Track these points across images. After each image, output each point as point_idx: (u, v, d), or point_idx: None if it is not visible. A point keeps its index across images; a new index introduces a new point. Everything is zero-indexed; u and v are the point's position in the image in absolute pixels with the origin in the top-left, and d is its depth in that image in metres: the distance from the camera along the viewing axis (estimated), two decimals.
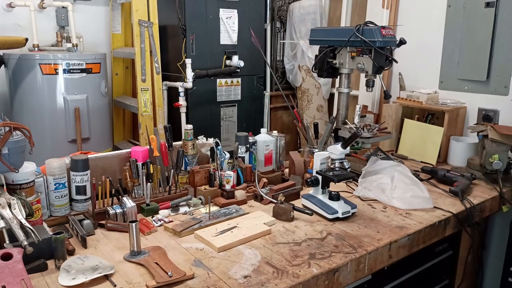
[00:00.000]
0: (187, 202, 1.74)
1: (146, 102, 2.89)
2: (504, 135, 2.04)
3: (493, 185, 2.02)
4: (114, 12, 3.33)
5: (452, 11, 2.55)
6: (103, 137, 3.03)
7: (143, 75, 2.86)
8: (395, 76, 2.87)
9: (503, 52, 2.34)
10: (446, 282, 2.13)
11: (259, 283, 1.21)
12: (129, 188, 1.70)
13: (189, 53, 2.99)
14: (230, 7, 3.11)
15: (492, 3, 2.34)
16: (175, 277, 1.19)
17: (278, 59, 3.89)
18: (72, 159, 1.61)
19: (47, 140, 2.71)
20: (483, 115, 2.42)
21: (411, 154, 2.48)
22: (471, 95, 2.50)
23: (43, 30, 2.99)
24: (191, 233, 1.51)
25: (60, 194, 1.57)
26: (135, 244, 1.32)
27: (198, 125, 2.50)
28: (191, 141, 1.90)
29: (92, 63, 2.79)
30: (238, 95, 3.33)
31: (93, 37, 3.32)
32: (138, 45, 2.81)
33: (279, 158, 2.11)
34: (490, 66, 2.39)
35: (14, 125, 1.33)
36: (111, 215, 1.55)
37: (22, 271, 1.12)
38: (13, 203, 1.27)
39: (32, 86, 2.68)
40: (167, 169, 1.83)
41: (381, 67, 1.97)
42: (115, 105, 3.41)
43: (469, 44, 2.48)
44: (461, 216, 1.79)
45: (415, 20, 2.74)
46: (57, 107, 2.70)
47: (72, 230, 1.48)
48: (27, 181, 1.42)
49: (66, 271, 1.21)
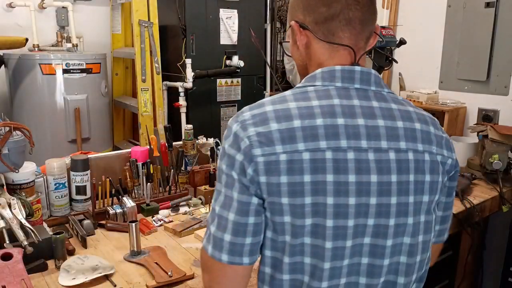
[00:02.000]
0: (187, 202, 1.74)
1: (146, 102, 2.89)
2: (504, 135, 2.04)
3: (493, 185, 2.02)
4: (114, 12, 3.33)
5: (452, 11, 2.55)
6: (103, 137, 3.03)
7: (143, 75, 2.86)
8: (395, 76, 2.87)
9: (503, 52, 2.34)
10: (446, 282, 2.13)
11: None
12: (129, 188, 1.70)
13: (189, 53, 2.99)
14: (230, 7, 3.11)
15: (492, 3, 2.34)
16: (175, 277, 1.20)
17: (278, 59, 3.89)
18: (72, 159, 1.61)
19: (47, 140, 2.71)
20: (483, 115, 2.42)
21: None
22: (471, 95, 2.50)
23: (43, 30, 2.99)
24: (191, 233, 1.51)
25: (60, 194, 1.57)
26: (135, 244, 1.32)
27: (198, 125, 2.49)
28: (191, 141, 1.90)
29: (92, 63, 2.79)
30: (238, 95, 3.33)
31: (93, 37, 3.32)
32: (138, 45, 2.81)
33: None
34: (490, 66, 2.39)
35: (14, 125, 1.33)
36: (111, 215, 1.55)
37: (22, 271, 1.12)
38: (13, 203, 1.27)
39: (32, 86, 2.68)
40: (167, 169, 1.83)
41: (381, 67, 1.97)
42: (115, 105, 3.41)
43: (469, 44, 2.48)
44: (461, 216, 1.79)
45: (415, 20, 2.74)
46: (57, 107, 2.70)
47: (72, 230, 1.48)
48: (27, 181, 1.42)
49: (66, 271, 1.21)
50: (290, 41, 0.93)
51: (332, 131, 0.76)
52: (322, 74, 0.84)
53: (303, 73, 0.94)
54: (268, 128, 0.76)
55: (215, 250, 0.80)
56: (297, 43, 0.90)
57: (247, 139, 0.77)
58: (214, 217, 0.81)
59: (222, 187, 0.80)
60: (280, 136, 0.76)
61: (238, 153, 0.77)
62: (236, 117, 0.82)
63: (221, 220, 0.79)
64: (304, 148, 0.75)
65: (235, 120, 0.81)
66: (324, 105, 0.79)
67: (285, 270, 0.80)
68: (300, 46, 0.90)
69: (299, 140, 0.75)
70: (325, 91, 0.81)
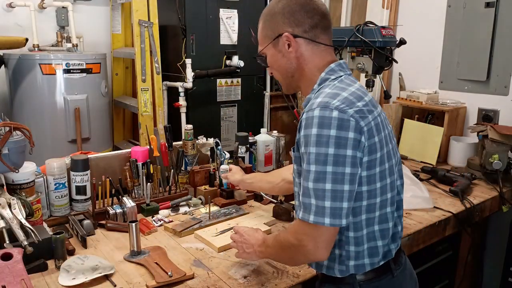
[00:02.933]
0: (187, 202, 1.74)
1: (146, 102, 2.89)
2: (504, 135, 2.04)
3: (493, 185, 2.02)
4: (114, 12, 3.33)
5: (452, 11, 2.55)
6: (103, 137, 3.02)
7: (143, 75, 2.85)
8: (395, 76, 2.87)
9: (503, 52, 2.34)
10: (446, 282, 2.13)
11: (259, 283, 1.21)
12: (129, 188, 1.70)
13: (189, 53, 2.98)
14: (230, 7, 3.11)
15: (492, 3, 2.34)
16: (175, 277, 1.20)
17: None
18: (72, 159, 1.61)
19: (47, 140, 2.71)
20: (483, 115, 2.41)
21: (411, 154, 2.48)
22: (471, 95, 2.49)
23: (43, 30, 2.99)
24: (191, 233, 1.51)
25: (60, 194, 1.57)
26: (135, 244, 1.32)
27: (198, 125, 2.49)
28: (191, 141, 1.90)
29: (92, 63, 2.79)
30: (238, 95, 3.33)
31: (93, 37, 3.32)
32: (138, 45, 2.81)
33: (279, 158, 2.11)
34: (490, 66, 2.39)
35: (14, 125, 1.33)
36: (111, 215, 1.55)
37: (22, 271, 1.12)
38: (13, 203, 1.27)
39: (32, 86, 2.67)
40: (167, 169, 1.83)
41: (381, 67, 1.97)
42: (115, 105, 3.41)
43: (469, 44, 2.48)
44: (461, 216, 1.79)
45: (415, 20, 2.74)
46: (57, 107, 2.70)
47: (72, 230, 1.48)
48: (27, 181, 1.42)
49: (66, 271, 1.21)
50: (270, 53, 1.15)
51: (372, 103, 1.06)
52: (336, 66, 1.11)
53: (291, 75, 1.15)
54: (358, 107, 1.00)
55: (335, 219, 0.96)
56: (282, 52, 1.12)
57: (352, 118, 0.97)
58: (324, 193, 0.96)
59: (331, 167, 0.95)
60: (366, 110, 1.02)
61: (349, 132, 0.96)
62: (324, 107, 0.98)
63: (336, 193, 0.96)
64: (377, 115, 1.05)
65: (327, 108, 0.97)
66: (358, 87, 1.07)
67: None
68: (292, 53, 1.11)
69: (373, 110, 1.04)
70: (348, 77, 1.11)
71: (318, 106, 0.98)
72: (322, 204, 0.96)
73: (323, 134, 0.95)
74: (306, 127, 0.98)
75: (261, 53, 1.18)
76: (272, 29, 1.13)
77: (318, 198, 0.96)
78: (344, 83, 1.07)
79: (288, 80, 1.18)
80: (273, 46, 1.14)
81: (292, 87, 1.21)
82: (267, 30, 1.15)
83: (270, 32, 1.14)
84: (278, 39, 1.12)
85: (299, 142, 1.03)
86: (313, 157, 0.96)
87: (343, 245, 1.06)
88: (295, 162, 1.09)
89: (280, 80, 1.20)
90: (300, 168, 1.05)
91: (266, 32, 1.15)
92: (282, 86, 1.22)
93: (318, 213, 0.96)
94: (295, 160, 1.09)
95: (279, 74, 1.18)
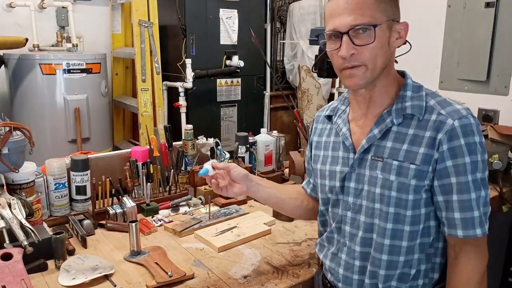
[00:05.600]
0: (187, 202, 1.74)
1: (146, 102, 2.89)
2: (504, 135, 2.04)
3: (493, 185, 2.02)
4: (114, 12, 3.33)
5: (452, 11, 2.55)
6: (103, 137, 3.03)
7: (143, 75, 2.86)
8: None
9: (503, 52, 2.34)
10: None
11: (259, 283, 1.21)
12: (129, 188, 1.70)
13: (189, 53, 2.99)
14: (230, 7, 3.11)
15: (492, 3, 2.34)
16: (175, 277, 1.20)
17: (278, 59, 3.90)
18: (72, 159, 1.61)
19: (47, 140, 2.71)
20: (483, 115, 2.42)
21: None
22: (471, 95, 2.49)
23: (43, 30, 2.99)
24: (191, 233, 1.51)
25: (60, 194, 1.57)
26: (135, 244, 1.32)
27: (198, 125, 2.49)
28: (191, 141, 1.90)
29: (92, 63, 2.79)
30: (238, 95, 3.33)
31: (93, 37, 3.32)
32: (138, 45, 2.81)
33: (279, 158, 2.11)
34: (490, 66, 2.39)
35: (14, 125, 1.33)
36: (111, 215, 1.55)
37: (22, 271, 1.11)
38: (13, 203, 1.27)
39: (32, 86, 2.68)
40: (167, 169, 1.83)
41: None
42: (115, 105, 3.42)
43: (469, 44, 2.48)
44: None
45: (415, 20, 2.73)
46: (57, 107, 2.70)
47: (72, 230, 1.48)
48: (27, 181, 1.42)
49: (66, 271, 1.21)
50: (377, 42, 0.95)
51: None
52: None
53: (384, 66, 1.01)
54: None
55: None
56: (390, 39, 0.98)
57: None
58: (485, 199, 0.96)
59: (485, 174, 0.97)
60: None
61: (483, 138, 0.97)
62: (472, 115, 0.97)
63: (487, 199, 0.97)
64: None
65: (469, 113, 0.96)
66: None
67: None
68: (395, 45, 1.01)
69: None
70: None
71: (468, 114, 0.96)
72: (486, 211, 0.97)
73: (483, 142, 0.97)
74: (465, 135, 0.94)
75: (370, 24, 0.93)
76: (393, 9, 0.97)
77: (480, 207, 0.96)
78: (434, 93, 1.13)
79: (377, 72, 0.99)
80: (387, 27, 0.96)
81: (369, 82, 1.00)
82: (387, 5, 0.96)
83: (390, 10, 0.96)
84: (393, 23, 0.97)
85: (445, 154, 0.94)
86: (480, 165, 0.95)
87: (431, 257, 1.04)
88: (416, 177, 0.96)
89: (365, 68, 0.97)
90: (422, 183, 0.96)
91: (386, 6, 0.95)
92: (360, 77, 0.98)
93: (482, 223, 0.96)
94: (416, 174, 0.96)
95: (371, 61, 0.96)
